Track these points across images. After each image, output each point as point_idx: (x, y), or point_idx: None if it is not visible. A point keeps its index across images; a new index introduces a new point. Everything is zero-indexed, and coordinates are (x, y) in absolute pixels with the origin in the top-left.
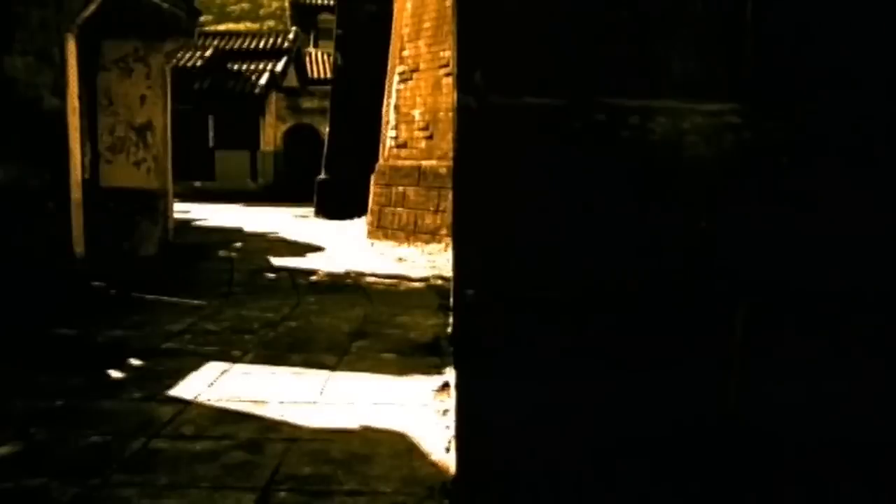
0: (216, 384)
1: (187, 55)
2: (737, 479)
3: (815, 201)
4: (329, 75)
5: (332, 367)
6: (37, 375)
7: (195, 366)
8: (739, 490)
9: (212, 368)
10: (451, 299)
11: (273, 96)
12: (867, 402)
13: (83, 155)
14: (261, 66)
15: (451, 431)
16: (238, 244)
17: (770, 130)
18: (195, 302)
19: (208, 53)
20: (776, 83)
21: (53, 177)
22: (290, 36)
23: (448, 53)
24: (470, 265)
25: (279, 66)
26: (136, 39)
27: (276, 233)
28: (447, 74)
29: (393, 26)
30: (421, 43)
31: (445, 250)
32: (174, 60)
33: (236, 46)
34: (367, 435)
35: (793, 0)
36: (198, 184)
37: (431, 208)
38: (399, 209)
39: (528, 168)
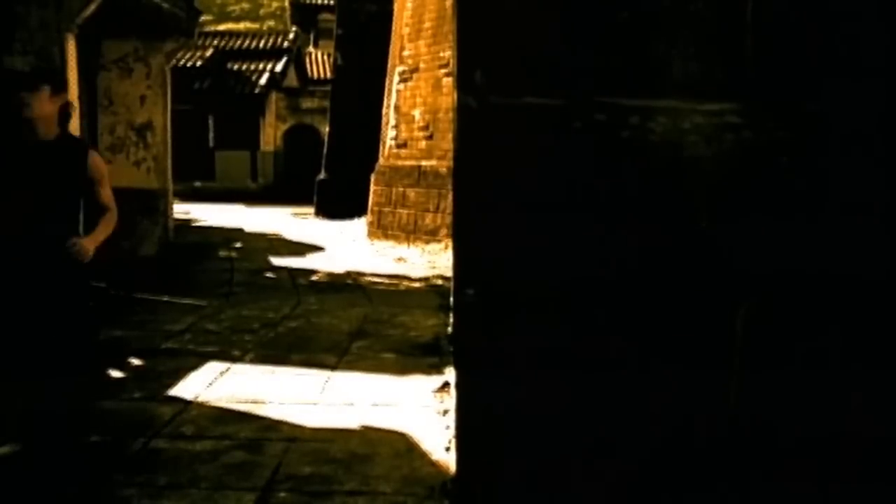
0: (216, 384)
1: (187, 55)
2: (736, 480)
3: (816, 201)
4: (329, 75)
5: (333, 367)
6: None
7: (195, 366)
8: (739, 490)
9: (212, 368)
10: (451, 299)
11: (273, 96)
12: (868, 401)
13: None
14: (261, 66)
15: (451, 431)
16: (238, 244)
17: (770, 130)
18: (195, 302)
19: (208, 53)
20: (776, 83)
21: None
22: (290, 36)
23: (448, 53)
24: (470, 265)
25: (279, 66)
26: (136, 39)
27: (277, 233)
28: (447, 74)
29: (393, 26)
30: (421, 43)
31: (445, 250)
32: (174, 60)
33: (236, 46)
34: (368, 435)
35: (793, 0)
36: (198, 184)
37: (431, 208)
38: (399, 209)
39: (528, 168)
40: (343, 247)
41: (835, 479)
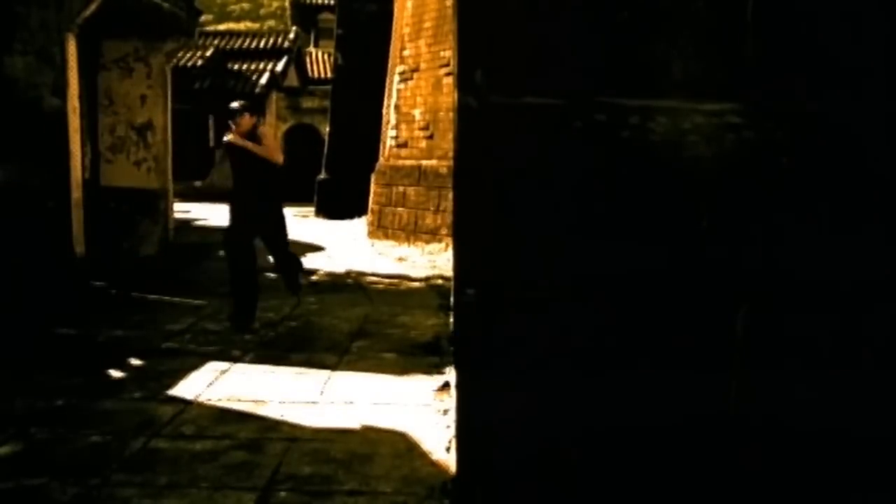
0: (216, 384)
1: (187, 55)
2: (736, 478)
3: (816, 201)
4: (329, 75)
5: (333, 367)
6: (37, 375)
7: (195, 365)
8: (739, 489)
9: (212, 368)
10: (452, 299)
11: (273, 96)
12: (867, 399)
13: (83, 154)
14: (261, 66)
15: (452, 431)
16: None
17: (771, 130)
18: (195, 301)
19: (209, 53)
20: (777, 83)
21: (54, 176)
22: (291, 36)
23: (448, 53)
24: (470, 265)
25: (279, 66)
26: (137, 39)
27: None
28: (448, 74)
29: (393, 26)
30: (421, 42)
31: (446, 250)
32: (174, 60)
33: (236, 46)
34: (368, 434)
35: (793, 0)
36: (198, 183)
37: (432, 208)
38: (399, 209)
39: (528, 168)
40: (343, 246)
41: (835, 477)
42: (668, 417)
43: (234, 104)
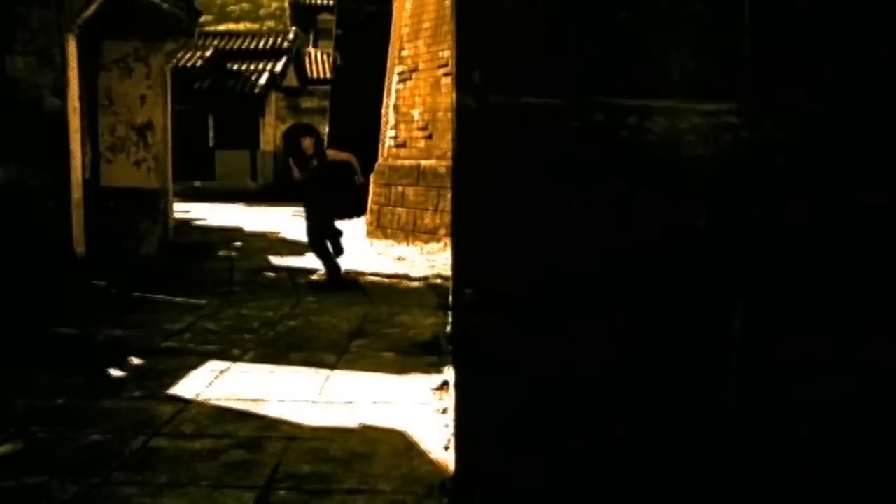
0: (216, 383)
1: (187, 55)
2: (735, 479)
3: (814, 200)
4: (329, 75)
5: (332, 366)
6: (37, 375)
7: (195, 365)
8: (738, 490)
9: (212, 367)
10: (451, 298)
11: (273, 96)
12: (867, 400)
13: (84, 154)
14: (261, 66)
15: (450, 430)
16: (238, 243)
17: (768, 130)
18: (195, 301)
19: (208, 53)
20: (774, 83)
21: (54, 176)
22: (290, 36)
23: (447, 53)
24: (469, 264)
25: (279, 66)
26: (137, 39)
27: (276, 232)
28: (446, 74)
29: (392, 26)
30: (420, 43)
31: (444, 249)
32: (174, 60)
33: (236, 46)
34: (367, 433)
35: (791, 0)
36: (198, 183)
37: (430, 208)
38: (398, 208)
39: (527, 168)
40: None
41: (835, 479)
42: (666, 418)
43: (299, 128)
